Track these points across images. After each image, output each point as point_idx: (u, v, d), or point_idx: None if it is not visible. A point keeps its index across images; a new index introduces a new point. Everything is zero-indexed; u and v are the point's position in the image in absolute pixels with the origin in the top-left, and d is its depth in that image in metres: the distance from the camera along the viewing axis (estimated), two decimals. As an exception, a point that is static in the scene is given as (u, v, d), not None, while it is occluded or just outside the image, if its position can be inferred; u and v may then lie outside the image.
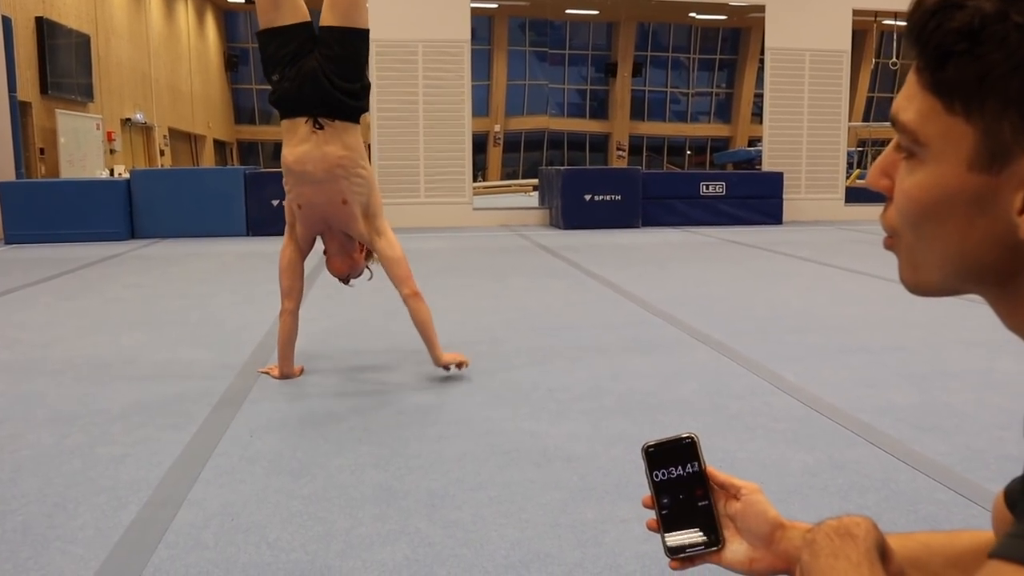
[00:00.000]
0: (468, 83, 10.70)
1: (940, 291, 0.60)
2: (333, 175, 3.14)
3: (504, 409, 2.94)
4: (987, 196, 0.53)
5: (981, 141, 0.52)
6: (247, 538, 1.95)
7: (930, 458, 2.42)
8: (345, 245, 3.35)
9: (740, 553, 0.83)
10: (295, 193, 3.22)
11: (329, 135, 3.13)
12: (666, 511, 0.83)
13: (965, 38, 0.51)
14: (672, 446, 0.84)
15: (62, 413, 2.94)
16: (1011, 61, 0.49)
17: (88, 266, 7.14)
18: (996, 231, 0.53)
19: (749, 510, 0.82)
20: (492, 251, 8.17)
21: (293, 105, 3.14)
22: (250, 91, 27.95)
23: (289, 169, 3.18)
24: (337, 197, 3.18)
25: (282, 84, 3.12)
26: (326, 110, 3.12)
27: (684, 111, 31.01)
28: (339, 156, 3.14)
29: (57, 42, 13.30)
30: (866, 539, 0.64)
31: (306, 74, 3.09)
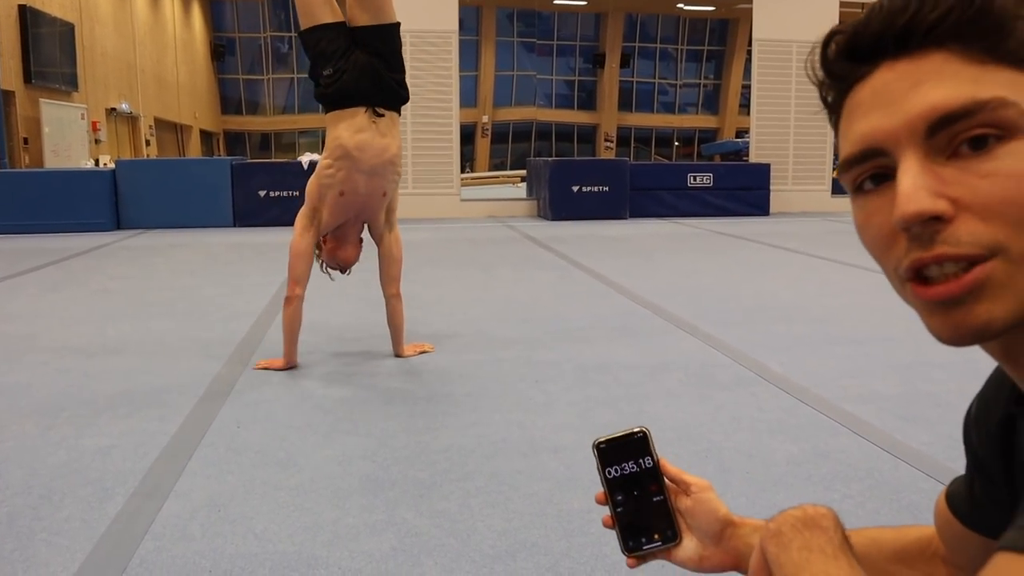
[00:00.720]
0: (456, 73, 10.66)
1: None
2: (385, 168, 3.29)
3: (491, 400, 2.95)
4: None
5: None
6: (234, 529, 1.95)
7: (913, 448, 2.45)
8: (359, 233, 3.45)
9: (690, 550, 0.82)
10: (345, 179, 3.25)
11: (385, 126, 3.28)
12: (621, 508, 0.81)
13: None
14: (624, 441, 0.82)
15: (47, 404, 2.92)
16: None
17: (73, 257, 7.09)
18: None
19: (699, 507, 0.81)
20: (480, 242, 8.16)
21: (351, 96, 3.24)
22: (237, 81, 27.76)
23: (348, 154, 3.23)
24: (380, 189, 3.32)
25: (338, 77, 3.22)
26: (384, 100, 3.28)
27: (672, 102, 31.05)
28: (394, 153, 3.31)
29: (40, 31, 13.17)
30: (836, 530, 0.63)
31: (363, 68, 3.23)
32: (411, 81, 10.36)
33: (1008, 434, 0.63)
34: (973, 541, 0.71)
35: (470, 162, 26.27)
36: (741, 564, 0.82)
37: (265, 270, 6.00)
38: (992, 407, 0.66)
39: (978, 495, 0.70)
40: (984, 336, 0.52)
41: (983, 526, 0.69)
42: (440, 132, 10.66)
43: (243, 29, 27.33)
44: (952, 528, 0.73)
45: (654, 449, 0.82)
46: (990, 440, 0.66)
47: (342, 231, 3.39)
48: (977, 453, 0.68)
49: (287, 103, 28.38)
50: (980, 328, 0.51)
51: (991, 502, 0.67)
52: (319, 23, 3.25)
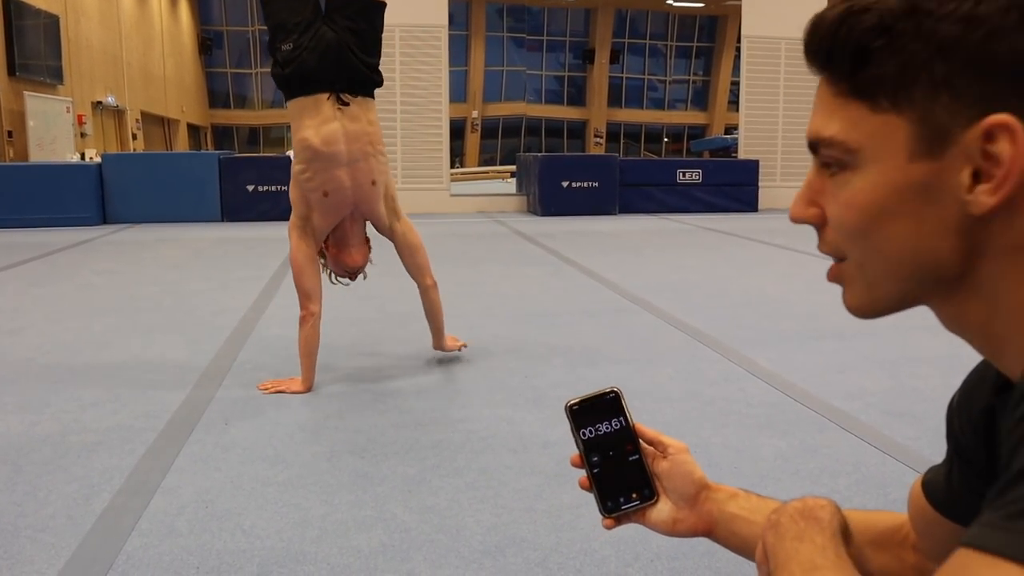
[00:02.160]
0: (445, 69, 10.63)
1: (897, 304, 0.60)
2: (364, 153, 2.96)
3: (480, 395, 2.95)
4: (933, 182, 0.54)
5: (917, 129, 0.53)
6: (221, 525, 1.94)
7: (899, 442, 2.46)
8: (361, 234, 3.13)
9: (664, 513, 0.82)
10: (324, 178, 2.92)
11: (354, 112, 2.93)
12: (597, 469, 0.81)
13: (880, 34, 0.53)
14: (596, 402, 0.82)
15: (32, 401, 2.90)
16: (930, 46, 0.52)
17: (58, 252, 7.04)
18: (947, 217, 0.54)
19: (676, 469, 0.82)
20: (469, 237, 8.16)
21: (313, 80, 2.88)
22: (224, 75, 27.60)
23: (316, 153, 2.90)
24: (367, 178, 2.99)
25: (297, 54, 2.85)
26: (349, 85, 2.91)
27: (661, 98, 31.07)
28: (367, 133, 2.96)
29: (25, 23, 13.04)
30: (831, 522, 0.64)
31: (328, 46, 2.86)
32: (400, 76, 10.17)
33: (990, 424, 0.64)
34: (945, 528, 0.72)
35: (460, 157, 26.22)
36: (713, 530, 0.82)
37: (253, 265, 5.97)
38: (976, 397, 0.67)
39: (955, 483, 0.70)
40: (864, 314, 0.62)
41: (956, 514, 0.70)
42: (430, 127, 10.63)
43: (231, 22, 27.17)
44: (925, 515, 0.75)
45: (627, 409, 0.82)
46: (974, 429, 0.67)
47: (341, 233, 3.07)
48: (960, 441, 0.69)
49: (275, 97, 28.22)
50: (852, 309, 0.62)
51: (969, 491, 0.68)
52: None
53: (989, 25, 0.50)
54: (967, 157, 0.52)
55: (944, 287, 0.57)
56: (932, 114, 0.53)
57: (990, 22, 0.50)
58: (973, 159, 0.52)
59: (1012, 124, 0.50)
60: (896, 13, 0.53)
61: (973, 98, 0.51)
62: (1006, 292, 0.54)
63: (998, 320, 0.55)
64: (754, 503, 0.83)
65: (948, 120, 0.52)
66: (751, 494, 0.84)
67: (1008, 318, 0.55)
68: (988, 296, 0.55)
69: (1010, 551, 0.43)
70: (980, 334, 0.58)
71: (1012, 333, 0.55)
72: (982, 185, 0.52)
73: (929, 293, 0.58)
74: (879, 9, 0.53)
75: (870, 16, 0.53)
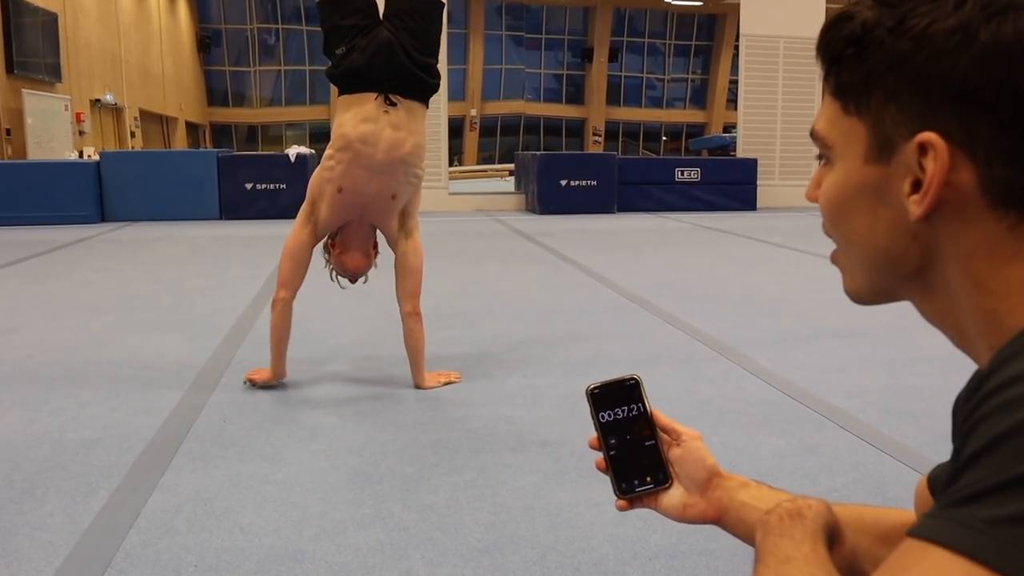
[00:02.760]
0: (444, 67, 10.61)
1: (876, 293, 0.64)
2: (394, 167, 2.84)
3: (479, 394, 2.95)
4: (882, 185, 0.58)
5: (871, 135, 0.58)
6: (220, 523, 1.94)
7: (898, 441, 2.46)
8: (367, 239, 3.01)
9: (676, 498, 0.85)
10: (345, 173, 2.82)
11: (401, 117, 2.82)
12: (614, 451, 0.85)
13: (852, 44, 0.58)
14: (616, 388, 0.85)
15: (30, 398, 2.89)
16: (886, 60, 0.56)
17: (57, 249, 7.03)
18: (896, 219, 0.58)
19: (689, 456, 0.85)
20: (468, 236, 8.15)
21: (362, 79, 2.80)
22: (223, 73, 27.56)
23: (349, 145, 2.80)
24: (388, 191, 2.87)
25: (349, 56, 2.79)
26: (400, 86, 2.80)
27: (660, 97, 31.06)
28: (408, 151, 2.85)
29: (23, 20, 13.02)
30: (814, 520, 0.66)
31: (380, 45, 2.78)
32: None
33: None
34: None
35: (458, 155, 26.21)
36: (723, 517, 0.85)
37: (251, 263, 5.96)
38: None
39: None
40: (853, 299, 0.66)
41: None
42: (428, 125, 10.55)
43: (229, 21, 27.12)
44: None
45: (646, 396, 0.85)
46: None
47: (346, 235, 2.98)
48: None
49: (274, 95, 28.21)
50: (846, 293, 0.67)
51: None
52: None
53: (934, 46, 0.54)
54: (907, 167, 0.56)
55: (913, 283, 0.61)
56: (882, 123, 0.57)
57: (935, 43, 0.54)
58: (912, 169, 0.56)
59: (935, 142, 0.54)
60: (868, 25, 0.57)
61: (914, 112, 0.55)
62: (961, 295, 0.58)
63: (962, 318, 0.59)
64: (764, 493, 0.85)
65: (893, 131, 0.57)
66: (762, 484, 0.86)
67: (968, 318, 0.58)
68: (952, 297, 0.59)
69: (942, 538, 0.46)
70: (953, 330, 0.61)
71: (974, 333, 0.58)
72: (914, 195, 0.56)
73: (901, 287, 0.62)
74: (859, 19, 0.57)
75: (850, 25, 0.58)
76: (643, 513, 2.11)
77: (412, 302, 3.00)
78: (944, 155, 0.53)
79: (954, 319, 0.60)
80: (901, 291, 0.62)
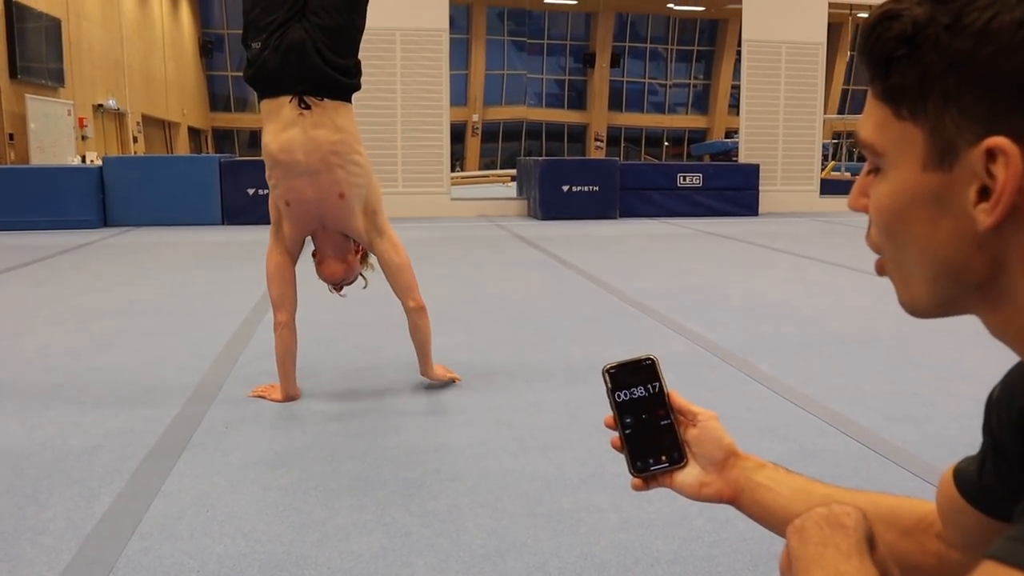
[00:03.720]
0: (446, 72, 10.64)
1: (936, 306, 0.60)
2: (327, 164, 2.72)
3: (480, 400, 2.95)
4: (944, 194, 0.54)
5: (929, 140, 0.54)
6: (222, 529, 1.94)
7: (900, 447, 2.46)
8: (340, 246, 2.92)
9: (692, 476, 0.85)
10: (283, 188, 2.78)
11: (318, 117, 2.70)
12: (629, 430, 0.85)
13: (903, 44, 0.54)
14: (633, 367, 0.86)
15: (32, 404, 2.90)
16: (944, 59, 0.52)
17: (59, 254, 7.04)
18: (959, 228, 0.54)
19: (705, 435, 0.85)
20: (470, 241, 8.16)
21: (275, 82, 2.70)
22: (225, 78, 27.62)
23: (274, 160, 2.74)
24: (333, 190, 2.76)
25: (262, 55, 2.68)
26: (313, 88, 2.69)
27: (662, 102, 31.08)
28: (332, 141, 2.71)
29: (27, 26, 13.06)
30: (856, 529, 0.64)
31: (291, 45, 2.65)
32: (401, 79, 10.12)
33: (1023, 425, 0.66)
34: (972, 518, 0.73)
35: (460, 161, 26.23)
36: (739, 497, 0.85)
37: (253, 268, 5.97)
38: (1015, 394, 0.68)
39: (987, 475, 0.71)
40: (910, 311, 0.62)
41: (985, 505, 0.72)
42: (430, 131, 10.63)
43: (232, 25, 27.19)
44: (953, 503, 0.75)
45: (662, 376, 0.87)
46: (1011, 426, 0.68)
47: (319, 245, 2.93)
48: (996, 436, 0.70)
49: (276, 100, 28.29)
50: (901, 305, 0.62)
51: (1001, 484, 0.69)
52: None
53: (999, 42, 0.50)
54: (973, 173, 0.52)
55: (977, 294, 0.57)
56: (942, 128, 0.53)
57: (1000, 38, 0.50)
58: (979, 176, 0.52)
59: (1006, 147, 0.50)
60: (920, 23, 0.53)
61: (980, 115, 0.51)
62: None
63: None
64: (782, 476, 0.85)
65: (955, 135, 0.53)
66: (779, 467, 0.86)
67: None
68: (1021, 306, 0.55)
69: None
70: (1017, 342, 0.58)
71: None
72: (983, 203, 0.52)
73: (964, 298, 0.58)
74: (907, 17, 0.54)
75: (898, 24, 0.54)
76: (645, 519, 2.11)
77: (412, 296, 2.94)
78: (1017, 161, 0.50)
79: (1019, 330, 0.57)
80: (964, 303, 0.59)
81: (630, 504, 2.01)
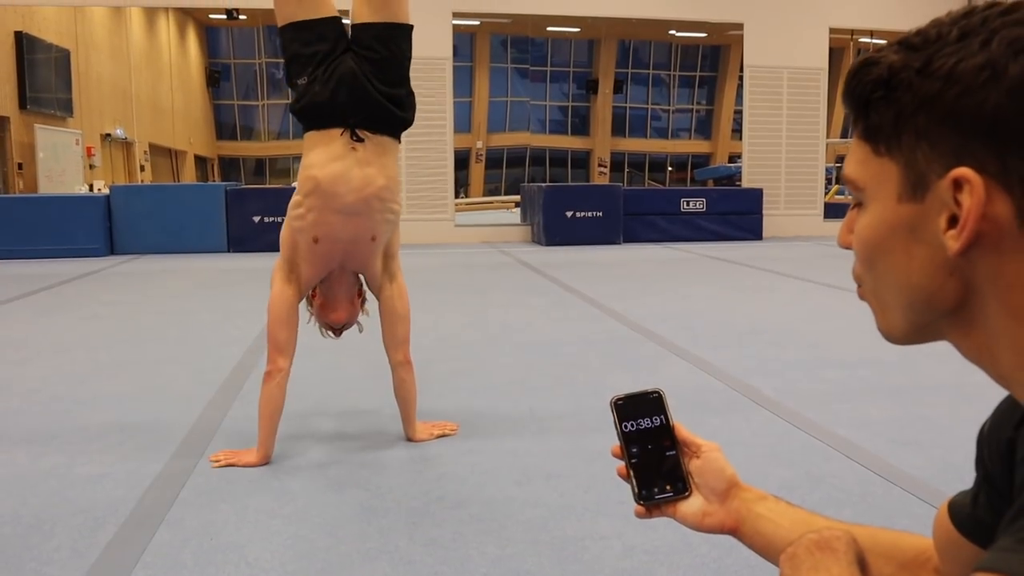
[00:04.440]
0: (450, 100, 10.74)
1: (910, 332, 0.64)
2: (369, 207, 2.59)
3: (484, 426, 2.94)
4: (918, 223, 0.59)
5: (903, 174, 0.59)
6: (226, 557, 1.93)
7: (906, 472, 2.45)
8: (351, 288, 2.76)
9: (695, 506, 0.87)
10: (317, 221, 2.58)
11: (369, 154, 2.58)
12: (635, 460, 0.88)
13: (880, 86, 0.59)
14: (640, 399, 0.90)
15: (38, 432, 2.90)
16: (916, 100, 0.57)
17: (66, 282, 7.08)
18: (932, 256, 0.59)
19: (708, 466, 0.88)
20: (474, 268, 8.18)
21: (326, 113, 2.56)
22: (231, 107, 27.88)
23: (318, 188, 2.56)
24: (367, 233, 2.62)
25: (312, 88, 2.56)
26: (366, 120, 2.57)
27: (665, 127, 31.23)
28: (379, 186, 2.59)
29: (36, 57, 13.23)
30: (847, 552, 0.66)
31: (343, 76, 2.54)
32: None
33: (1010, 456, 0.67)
34: (967, 551, 0.74)
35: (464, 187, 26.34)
36: (740, 528, 0.86)
37: (259, 295, 5.99)
38: (1003, 425, 0.70)
39: (981, 508, 0.73)
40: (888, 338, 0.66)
41: (979, 538, 0.72)
42: (435, 158, 10.71)
43: (238, 55, 27.50)
44: (949, 537, 0.76)
45: (668, 409, 0.90)
46: (1000, 458, 0.69)
47: (329, 286, 2.73)
48: (987, 468, 0.72)
49: (282, 128, 28.49)
50: (880, 332, 0.67)
51: (994, 516, 0.70)
52: (296, 19, 2.58)
53: (964, 83, 0.55)
54: (942, 203, 0.57)
55: (949, 319, 0.61)
56: (915, 162, 0.58)
57: (964, 80, 0.55)
58: (948, 205, 0.56)
59: (971, 177, 0.54)
60: (895, 67, 0.58)
61: (947, 149, 0.56)
62: (1000, 328, 0.58)
63: (1001, 352, 0.58)
64: (782, 507, 0.87)
65: (926, 168, 0.57)
66: (780, 499, 0.88)
67: (1007, 352, 0.58)
68: (991, 331, 0.58)
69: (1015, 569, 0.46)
70: (991, 365, 0.61)
71: (1013, 365, 0.58)
72: (951, 230, 0.56)
73: (938, 325, 0.62)
74: (884, 63, 0.59)
75: (876, 69, 0.59)
76: (648, 547, 2.11)
77: (403, 350, 2.76)
78: (980, 189, 0.54)
79: (992, 354, 0.60)
80: (937, 329, 0.63)
81: (634, 532, 2.00)
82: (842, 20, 12.10)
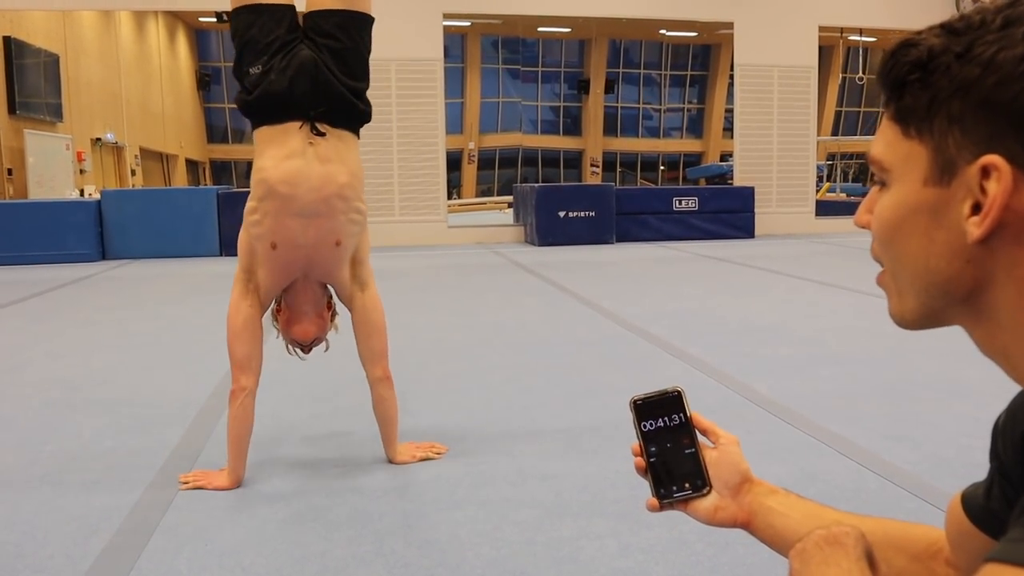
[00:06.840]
0: (441, 101, 10.73)
1: (923, 317, 0.64)
2: (330, 207, 2.36)
3: (478, 428, 2.94)
4: (941, 208, 0.59)
5: (932, 158, 0.59)
6: (221, 563, 1.93)
7: (899, 467, 2.46)
8: (318, 300, 2.53)
9: (708, 501, 0.88)
10: (274, 226, 2.35)
11: (330, 149, 2.36)
12: (654, 458, 0.89)
13: (917, 69, 0.60)
14: (659, 399, 0.91)
15: (31, 438, 2.89)
16: (953, 85, 0.57)
17: (58, 288, 7.05)
18: (952, 241, 0.59)
19: (724, 459, 0.89)
20: (467, 269, 8.18)
21: (282, 106, 2.34)
22: (222, 110, 27.82)
23: (271, 190, 2.33)
24: (331, 237, 2.39)
25: (266, 77, 2.33)
26: (328, 112, 2.36)
27: (657, 127, 31.28)
28: (340, 184, 2.37)
29: (25, 61, 13.17)
30: (856, 547, 0.67)
31: (303, 65, 2.32)
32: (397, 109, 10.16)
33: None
34: (979, 542, 0.74)
35: (457, 188, 26.34)
36: (751, 522, 0.87)
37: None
38: (1019, 419, 0.70)
39: (995, 499, 0.73)
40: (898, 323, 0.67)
41: (992, 529, 0.73)
42: (426, 159, 10.70)
43: (228, 58, 27.42)
44: (962, 528, 0.77)
45: (688, 407, 0.91)
46: (1015, 450, 0.70)
47: (294, 298, 2.49)
48: (1002, 460, 0.72)
49: (273, 131, 28.47)
50: (890, 316, 0.67)
51: (1008, 508, 0.70)
52: (249, 2, 2.35)
53: (1003, 72, 0.55)
54: (968, 189, 0.57)
55: (963, 307, 0.61)
56: (945, 147, 0.58)
57: (1004, 69, 0.55)
58: (973, 192, 0.57)
59: (1000, 165, 0.55)
60: (935, 51, 0.59)
61: (978, 136, 0.56)
62: (1014, 320, 0.58)
63: (1013, 344, 0.59)
64: (793, 501, 0.88)
65: (956, 154, 0.58)
66: (790, 492, 0.89)
67: (1020, 344, 0.58)
68: (1005, 323, 0.59)
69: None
70: (1002, 356, 0.61)
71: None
72: (974, 217, 0.57)
73: (952, 312, 0.62)
74: (923, 46, 0.60)
75: (915, 51, 0.60)
76: (645, 545, 2.11)
77: (382, 364, 2.54)
78: (1008, 177, 0.55)
79: (1004, 344, 0.60)
80: (950, 315, 0.63)
81: (630, 530, 2.01)
82: (831, 18, 12.14)
